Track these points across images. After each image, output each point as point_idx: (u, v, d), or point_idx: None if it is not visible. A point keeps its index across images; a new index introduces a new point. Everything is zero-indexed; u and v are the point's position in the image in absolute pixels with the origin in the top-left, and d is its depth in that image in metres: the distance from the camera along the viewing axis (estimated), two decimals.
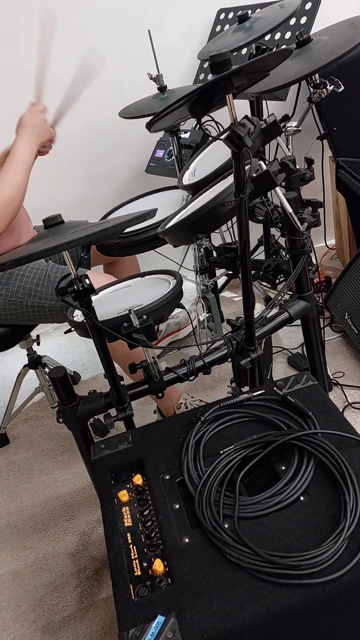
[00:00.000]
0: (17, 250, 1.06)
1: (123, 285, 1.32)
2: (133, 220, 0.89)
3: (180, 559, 0.77)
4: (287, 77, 1.12)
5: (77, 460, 1.65)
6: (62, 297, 0.92)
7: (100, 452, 0.99)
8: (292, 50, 0.88)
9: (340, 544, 0.73)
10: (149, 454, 0.96)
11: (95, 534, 1.44)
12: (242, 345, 1.15)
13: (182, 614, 0.70)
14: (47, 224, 0.92)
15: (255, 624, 0.68)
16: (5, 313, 1.49)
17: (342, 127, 1.86)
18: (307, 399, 0.99)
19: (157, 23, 1.93)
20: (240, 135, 0.79)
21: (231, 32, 1.46)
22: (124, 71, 2.02)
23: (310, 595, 0.69)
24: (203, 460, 0.91)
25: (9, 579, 1.38)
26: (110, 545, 0.82)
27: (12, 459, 1.79)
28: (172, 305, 1.08)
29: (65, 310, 1.34)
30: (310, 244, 1.20)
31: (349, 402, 1.63)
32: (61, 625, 1.23)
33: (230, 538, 0.77)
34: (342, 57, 1.09)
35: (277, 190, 1.11)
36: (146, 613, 0.71)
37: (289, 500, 0.81)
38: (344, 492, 0.79)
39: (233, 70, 0.75)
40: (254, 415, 0.98)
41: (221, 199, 0.93)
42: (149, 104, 1.65)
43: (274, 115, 1.12)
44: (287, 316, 1.24)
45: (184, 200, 1.52)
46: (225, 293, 2.36)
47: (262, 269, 1.53)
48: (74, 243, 0.79)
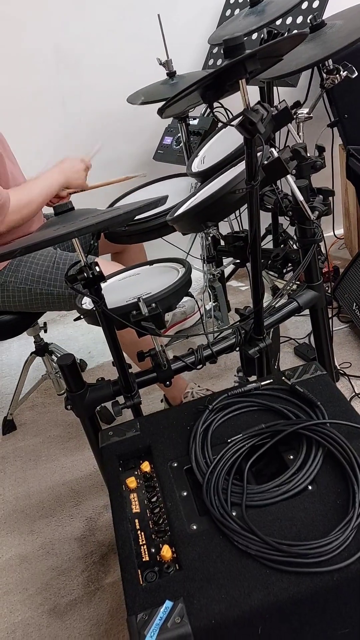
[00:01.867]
0: (27, 237, 1.06)
1: (132, 273, 1.32)
2: (144, 208, 0.88)
3: (188, 546, 0.77)
4: (300, 62, 1.10)
5: (84, 446, 1.67)
6: (71, 284, 0.91)
7: (109, 439, 1.00)
8: (306, 34, 0.86)
9: (348, 533, 0.73)
10: (157, 442, 0.96)
11: (102, 520, 1.46)
12: (251, 335, 1.14)
13: (190, 599, 0.71)
14: (57, 211, 0.92)
15: (263, 610, 0.69)
16: (14, 300, 1.49)
17: (353, 115, 1.83)
18: (316, 389, 0.99)
19: (167, 7, 1.90)
20: (253, 121, 0.78)
21: (242, 16, 1.43)
22: (132, 56, 2.00)
23: (318, 583, 0.70)
24: (211, 448, 0.91)
25: (17, 563, 1.40)
26: (118, 531, 0.83)
27: (20, 445, 1.80)
28: (180, 293, 1.08)
29: (73, 298, 1.34)
30: (320, 233, 1.19)
31: (356, 392, 1.63)
32: (68, 608, 1.25)
33: (238, 526, 0.77)
34: (356, 41, 1.07)
35: (289, 178, 1.09)
36: (154, 598, 0.72)
37: (297, 489, 0.81)
38: (353, 481, 0.79)
39: (247, 55, 0.74)
40: (262, 404, 0.98)
41: (232, 187, 0.92)
42: (158, 89, 1.63)
43: (285, 101, 1.10)
44: (296, 306, 1.23)
45: (193, 188, 1.51)
46: (231, 282, 2.35)
47: (270, 258, 1.52)
48: (84, 230, 0.79)
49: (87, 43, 1.96)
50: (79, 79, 2.01)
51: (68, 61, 1.97)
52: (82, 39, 1.95)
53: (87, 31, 1.95)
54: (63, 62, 1.97)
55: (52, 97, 2.01)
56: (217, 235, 1.74)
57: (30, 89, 1.98)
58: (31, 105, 2.01)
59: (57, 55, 1.96)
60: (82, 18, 1.92)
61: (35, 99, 2.00)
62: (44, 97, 2.01)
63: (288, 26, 1.65)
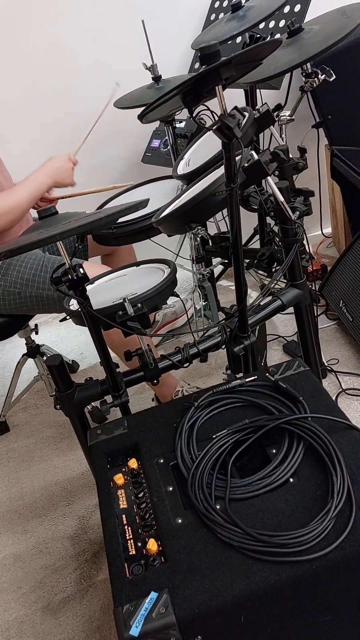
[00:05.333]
0: (11, 241, 1.08)
1: (118, 274, 1.34)
2: (125, 211, 0.90)
3: (174, 539, 0.79)
4: (278, 67, 1.13)
5: (76, 447, 1.69)
6: (56, 286, 0.94)
7: (97, 437, 1.02)
8: (281, 41, 0.89)
9: (327, 523, 0.75)
10: (144, 439, 0.98)
11: (94, 519, 1.48)
12: (236, 333, 1.17)
13: (175, 590, 0.73)
14: (41, 215, 0.94)
15: (245, 599, 0.71)
16: (4, 303, 1.51)
17: (336, 116, 1.86)
18: (299, 385, 1.02)
19: (152, 12, 1.92)
20: (230, 126, 0.80)
21: (225, 20, 1.46)
22: (119, 61, 2.02)
23: (298, 571, 0.72)
24: (196, 444, 0.94)
25: (10, 562, 1.42)
26: (106, 526, 0.85)
27: (12, 446, 1.82)
28: (166, 293, 1.10)
29: (62, 300, 1.37)
30: (301, 233, 1.21)
31: (343, 388, 1.66)
32: (61, 606, 1.27)
33: (221, 518, 0.80)
34: (333, 46, 1.09)
35: (269, 179, 1.12)
36: (140, 590, 0.74)
37: (278, 482, 0.83)
38: (332, 473, 0.82)
39: (221, 62, 0.76)
40: (246, 400, 1.01)
41: (213, 189, 0.95)
42: (144, 94, 1.65)
43: (267, 104, 1.13)
44: (279, 304, 1.26)
45: (179, 190, 1.53)
46: (221, 281, 2.37)
47: (257, 257, 1.55)
48: (67, 233, 0.81)
49: (74, 48, 1.98)
50: (66, 84, 2.03)
51: (55, 66, 2.00)
52: (70, 44, 1.97)
53: (74, 36, 1.97)
54: (50, 67, 1.99)
55: (39, 102, 2.03)
56: (205, 236, 1.76)
57: (18, 94, 2.00)
58: (18, 111, 2.03)
59: (44, 61, 1.98)
60: (68, 23, 1.94)
61: (22, 104, 2.02)
62: (31, 102, 2.03)
63: (270, 30, 1.67)
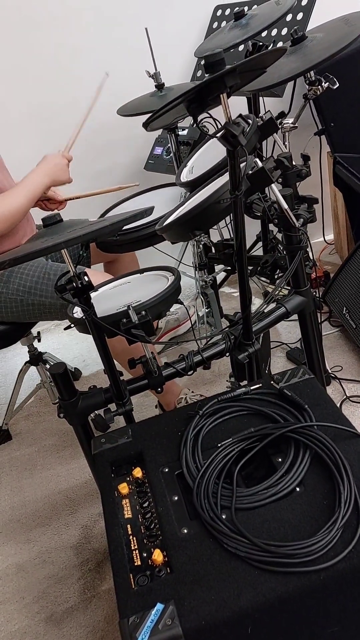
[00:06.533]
0: (15, 249, 1.08)
1: (122, 282, 1.34)
2: (130, 218, 0.90)
3: (179, 549, 0.79)
4: (281, 75, 1.13)
5: (79, 455, 1.68)
6: (61, 294, 0.93)
7: (101, 446, 1.01)
8: (285, 49, 0.89)
9: (334, 533, 0.75)
10: (148, 448, 0.98)
11: (97, 528, 1.47)
12: (240, 340, 1.16)
13: (181, 601, 0.72)
14: (46, 223, 0.94)
15: (252, 610, 0.70)
16: (7, 311, 1.51)
17: (339, 123, 1.87)
18: (304, 393, 1.01)
19: (155, 20, 1.94)
20: (235, 134, 0.80)
21: (227, 29, 1.47)
22: (122, 69, 2.03)
23: (306, 582, 0.71)
24: (201, 453, 0.93)
25: (13, 572, 1.41)
26: (110, 536, 0.84)
27: (15, 454, 1.81)
28: (170, 301, 1.10)
29: (65, 308, 1.36)
30: (306, 240, 1.21)
31: (347, 395, 1.65)
32: (64, 616, 1.26)
33: (227, 528, 0.79)
34: (336, 54, 1.10)
35: (273, 186, 1.12)
36: (146, 601, 0.73)
37: (285, 491, 0.83)
38: (339, 482, 0.81)
39: (226, 71, 0.76)
40: (251, 408, 1.00)
41: (217, 197, 0.95)
42: (146, 101, 1.66)
43: (270, 112, 1.13)
44: (284, 311, 1.25)
45: (182, 198, 1.53)
46: (224, 288, 2.37)
47: (260, 264, 1.55)
48: (72, 242, 0.81)
49: (77, 56, 2.00)
50: (69, 91, 2.04)
51: (58, 74, 2.01)
52: (73, 51, 1.99)
53: (77, 44, 1.98)
54: (53, 75, 2.00)
55: (44, 110, 2.04)
56: (208, 243, 1.76)
57: (22, 102, 2.02)
58: (23, 118, 2.04)
59: (47, 69, 1.99)
60: (71, 31, 1.95)
61: (27, 112, 2.03)
62: (36, 109, 2.04)
63: (273, 38, 1.68)
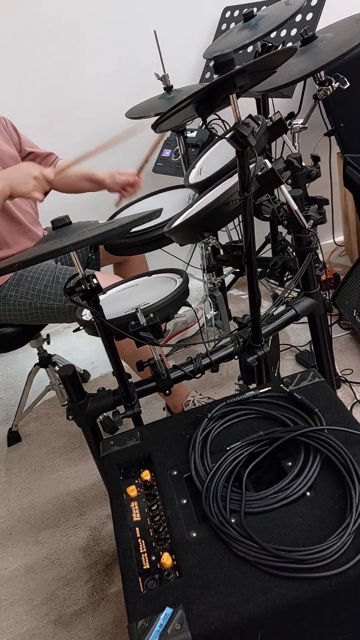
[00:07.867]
0: (25, 252, 1.08)
1: (131, 284, 1.33)
2: (138, 221, 0.90)
3: (188, 553, 0.78)
4: (291, 75, 1.13)
5: (87, 457, 1.68)
6: (70, 296, 0.93)
7: (109, 448, 1.01)
8: (296, 49, 0.88)
9: (346, 538, 0.74)
10: (157, 450, 0.97)
11: (106, 530, 1.46)
12: (249, 343, 1.15)
13: (190, 606, 0.71)
14: (55, 226, 0.94)
15: (262, 616, 0.69)
16: (16, 314, 1.51)
17: (349, 124, 1.86)
18: (314, 396, 1.00)
19: (163, 22, 1.93)
20: (244, 134, 0.80)
21: (237, 30, 1.46)
22: (131, 71, 2.03)
23: (316, 588, 0.70)
24: (210, 456, 0.92)
25: (22, 573, 1.41)
26: (119, 539, 0.84)
27: (24, 456, 1.82)
28: (178, 303, 1.09)
29: (73, 311, 1.36)
30: (316, 241, 1.20)
31: (358, 399, 1.63)
32: (73, 618, 1.26)
33: (237, 532, 0.78)
34: (347, 54, 1.09)
35: (283, 188, 1.11)
36: (155, 605, 0.73)
37: (295, 496, 0.82)
38: (350, 487, 0.80)
39: (236, 71, 0.76)
40: (260, 412, 0.99)
41: (226, 198, 0.94)
42: (155, 104, 1.66)
43: (280, 113, 1.12)
44: (293, 313, 1.24)
45: (191, 199, 1.53)
46: (232, 291, 2.37)
47: (269, 266, 1.54)
48: (81, 244, 0.81)
49: (87, 59, 2.00)
50: (79, 93, 2.05)
51: (67, 78, 2.02)
52: (82, 55, 1.99)
53: (87, 48, 1.99)
54: (62, 78, 2.01)
55: (52, 113, 2.05)
56: (216, 245, 1.76)
57: (30, 105, 2.03)
58: (31, 121, 2.05)
59: (56, 72, 2.00)
60: (80, 34, 1.96)
61: (35, 115, 2.04)
62: (44, 113, 2.04)
63: (282, 38, 1.68)
